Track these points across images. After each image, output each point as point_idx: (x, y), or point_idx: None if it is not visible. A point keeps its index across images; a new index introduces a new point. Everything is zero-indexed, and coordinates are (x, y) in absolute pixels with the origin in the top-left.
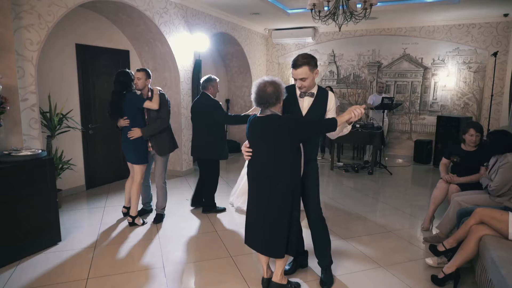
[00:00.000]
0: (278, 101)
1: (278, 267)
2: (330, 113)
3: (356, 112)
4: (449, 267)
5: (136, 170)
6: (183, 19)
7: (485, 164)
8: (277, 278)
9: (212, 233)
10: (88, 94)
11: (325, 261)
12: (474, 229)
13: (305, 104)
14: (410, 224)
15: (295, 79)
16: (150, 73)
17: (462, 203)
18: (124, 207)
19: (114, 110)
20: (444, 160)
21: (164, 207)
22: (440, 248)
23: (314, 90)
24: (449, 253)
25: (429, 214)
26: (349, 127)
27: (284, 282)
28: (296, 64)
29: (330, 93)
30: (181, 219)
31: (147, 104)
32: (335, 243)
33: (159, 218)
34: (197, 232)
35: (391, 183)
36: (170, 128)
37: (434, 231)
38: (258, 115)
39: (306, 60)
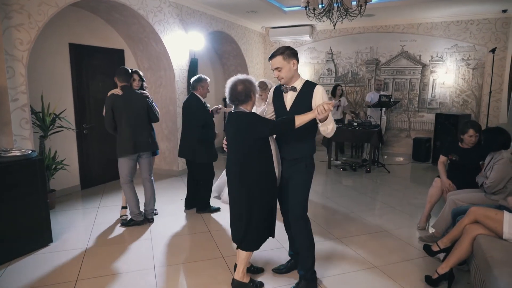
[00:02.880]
0: (248, 99)
1: (239, 264)
2: None
3: (319, 109)
4: (443, 268)
5: None
6: (178, 18)
7: (481, 162)
8: (238, 275)
9: (205, 233)
10: (83, 93)
11: (301, 269)
12: (468, 229)
13: (288, 99)
14: (406, 223)
15: (273, 70)
16: (119, 73)
17: (457, 202)
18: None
19: None
20: (442, 158)
21: (133, 212)
22: (435, 248)
23: (298, 85)
24: (444, 253)
25: (425, 212)
26: (331, 126)
27: (246, 280)
28: (271, 56)
29: (317, 87)
30: (175, 219)
31: None
32: (329, 243)
33: (125, 222)
34: (190, 232)
35: (389, 182)
36: (119, 133)
37: (431, 230)
38: (232, 111)
39: (280, 51)
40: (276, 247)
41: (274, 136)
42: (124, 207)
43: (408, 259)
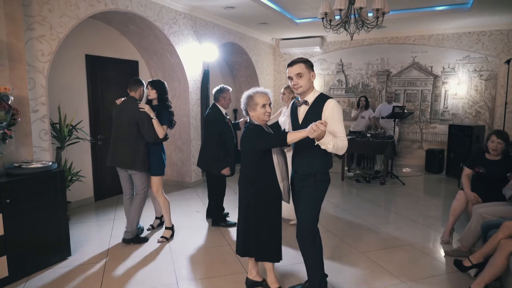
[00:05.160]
0: (250, 111)
1: (268, 272)
2: (330, 123)
3: (309, 128)
4: (477, 284)
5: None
6: (192, 29)
7: (508, 174)
8: (273, 285)
9: (225, 247)
10: (97, 104)
11: (309, 282)
12: (504, 244)
13: (301, 112)
14: (427, 236)
15: (291, 79)
16: (128, 83)
17: (485, 215)
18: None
19: None
20: (466, 171)
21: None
22: (466, 263)
23: (310, 98)
24: (476, 268)
25: (448, 226)
26: (331, 146)
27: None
28: (292, 62)
29: (329, 101)
30: (192, 232)
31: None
32: (354, 257)
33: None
34: (210, 245)
35: (405, 194)
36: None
37: (454, 244)
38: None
39: (302, 59)
40: (297, 261)
41: (285, 150)
42: (157, 218)
43: (436, 274)
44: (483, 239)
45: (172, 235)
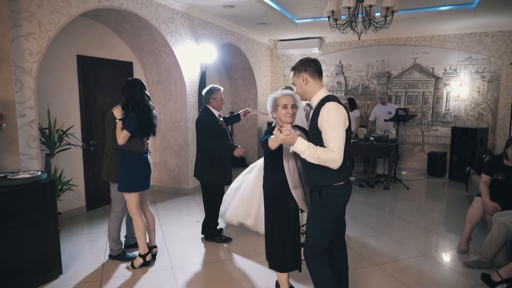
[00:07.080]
0: (273, 113)
1: (281, 284)
2: (323, 130)
3: (274, 133)
4: None
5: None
6: (190, 29)
7: None
8: None
9: (231, 261)
10: (90, 108)
11: None
12: None
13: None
14: (441, 245)
15: None
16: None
17: (508, 224)
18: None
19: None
20: (484, 178)
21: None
22: (495, 278)
23: (314, 102)
24: (507, 284)
25: (465, 235)
26: (306, 154)
27: None
28: None
29: (326, 105)
30: (193, 244)
31: None
32: (370, 270)
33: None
34: (214, 259)
35: (411, 199)
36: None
37: (471, 253)
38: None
39: (294, 65)
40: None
41: (293, 156)
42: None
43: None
44: (509, 251)
45: (142, 266)
